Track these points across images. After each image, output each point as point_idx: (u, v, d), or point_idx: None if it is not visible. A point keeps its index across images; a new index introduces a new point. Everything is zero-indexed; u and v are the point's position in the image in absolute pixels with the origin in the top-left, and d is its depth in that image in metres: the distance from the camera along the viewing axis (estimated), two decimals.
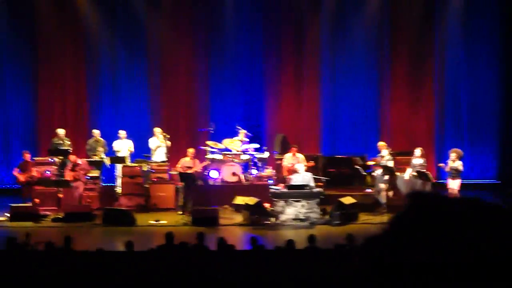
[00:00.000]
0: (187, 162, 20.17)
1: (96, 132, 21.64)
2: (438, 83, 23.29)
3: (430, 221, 1.15)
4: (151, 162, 20.95)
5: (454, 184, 18.62)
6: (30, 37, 23.28)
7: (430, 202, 1.18)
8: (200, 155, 21.23)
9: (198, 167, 20.28)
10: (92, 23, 23.33)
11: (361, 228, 16.79)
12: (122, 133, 21.63)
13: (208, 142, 21.28)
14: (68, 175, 19.56)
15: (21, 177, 20.03)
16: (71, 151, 20.69)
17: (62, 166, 20.36)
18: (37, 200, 19.53)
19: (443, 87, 23.33)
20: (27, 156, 20.48)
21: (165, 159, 21.14)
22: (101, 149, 21.28)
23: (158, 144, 21.28)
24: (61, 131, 21.53)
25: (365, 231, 16.07)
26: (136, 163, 20.96)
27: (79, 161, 19.85)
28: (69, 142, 21.39)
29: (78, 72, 23.47)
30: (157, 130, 21.41)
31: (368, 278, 1.15)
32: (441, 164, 19.72)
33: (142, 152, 21.48)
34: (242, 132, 21.53)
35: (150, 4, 23.36)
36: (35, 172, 20.13)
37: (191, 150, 20.40)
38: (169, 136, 21.30)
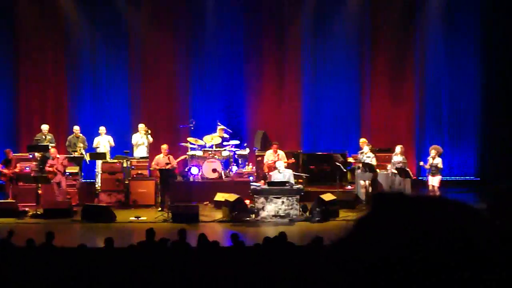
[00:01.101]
0: (163, 159, 20.05)
1: (76, 128, 21.54)
2: (419, 81, 23.38)
3: (393, 221, 1.15)
4: (132, 158, 20.89)
5: (434, 181, 18.70)
6: (9, 32, 23.15)
7: (394, 202, 1.18)
8: (180, 151, 21.21)
9: (174, 162, 20.20)
10: (72, 19, 23.23)
11: (341, 224, 16.82)
12: (102, 129, 21.55)
13: (189, 139, 21.25)
14: (48, 170, 19.46)
15: (6, 173, 19.95)
16: (51, 147, 20.58)
17: (42, 162, 20.25)
18: (13, 197, 19.46)
19: (423, 85, 23.42)
20: (10, 153, 20.39)
21: (146, 155, 21.09)
22: (81, 145, 21.19)
23: (140, 140, 21.23)
24: (44, 127, 21.43)
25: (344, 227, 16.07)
26: (116, 159, 20.89)
27: (58, 155, 19.74)
28: (50, 137, 21.28)
29: (58, 68, 23.37)
30: (141, 126, 21.34)
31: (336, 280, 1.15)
32: (421, 163, 19.78)
33: (122, 148, 21.42)
34: (222, 129, 21.51)
35: (130, 0, 23.28)
36: (18, 168, 20.06)
37: (164, 147, 20.25)
38: (150, 132, 21.25)
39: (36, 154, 20.73)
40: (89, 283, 9.32)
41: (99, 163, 20.98)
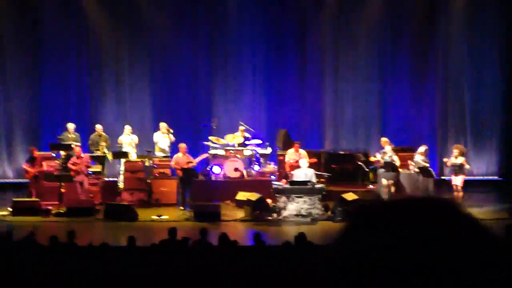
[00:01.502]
0: (182, 158, 20.00)
1: (99, 127, 21.61)
2: (441, 80, 23.28)
3: (376, 227, 1.15)
4: (154, 157, 20.92)
5: (457, 180, 18.60)
6: (34, 31, 23.28)
7: (375, 210, 1.18)
8: (202, 150, 21.23)
9: (194, 161, 20.15)
10: (95, 17, 23.33)
11: None
12: (127, 128, 21.58)
13: (211, 138, 21.27)
14: (71, 169, 19.55)
15: (31, 171, 20.05)
16: (74, 145, 20.65)
17: (65, 160, 20.34)
18: (36, 195, 19.58)
19: (446, 84, 23.32)
20: (35, 151, 20.51)
21: (167, 154, 21.11)
22: (103, 143, 21.26)
23: (162, 139, 21.23)
24: (70, 126, 21.49)
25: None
26: (139, 158, 20.95)
27: (82, 154, 19.83)
28: (75, 136, 21.32)
29: (81, 67, 23.48)
30: (162, 125, 21.35)
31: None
32: (445, 159, 19.67)
33: (145, 147, 21.48)
34: (244, 128, 21.50)
35: (154, 0, 23.36)
36: (45, 166, 20.15)
37: (183, 145, 20.20)
38: (173, 131, 21.27)
39: (61, 152, 20.82)
40: (111, 281, 9.35)
41: (121, 161, 21.04)
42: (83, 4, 23.23)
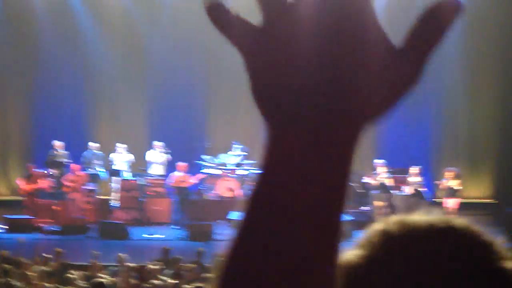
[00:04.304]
0: (180, 177, 20.05)
1: (93, 145, 21.60)
2: (436, 101, 23.31)
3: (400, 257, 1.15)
4: (148, 176, 20.92)
5: (451, 203, 18.62)
6: (28, 48, 23.31)
7: (397, 239, 1.17)
8: (196, 169, 21.21)
9: (191, 180, 20.19)
10: (90, 36, 23.38)
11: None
12: (120, 146, 21.58)
13: (205, 157, 21.26)
14: (66, 185, 19.58)
15: (26, 187, 19.99)
16: (68, 163, 20.67)
17: (59, 178, 20.33)
18: (30, 213, 19.53)
19: (441, 106, 23.35)
20: (31, 169, 20.47)
21: (162, 173, 21.10)
22: (97, 161, 21.24)
23: (156, 158, 21.23)
24: (58, 143, 21.49)
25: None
26: (133, 176, 20.94)
27: (80, 172, 19.90)
28: (63, 153, 21.33)
29: (76, 85, 23.48)
30: (156, 144, 21.36)
31: None
32: (437, 182, 19.70)
33: (138, 165, 21.46)
34: (238, 147, 21.52)
35: (150, 19, 23.41)
36: (41, 183, 20.12)
37: (181, 164, 20.29)
38: (169, 150, 21.25)
39: (54, 170, 20.80)
40: None
41: (115, 180, 21.01)
42: (78, 23, 23.27)
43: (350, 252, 1.07)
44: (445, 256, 1.12)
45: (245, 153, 21.60)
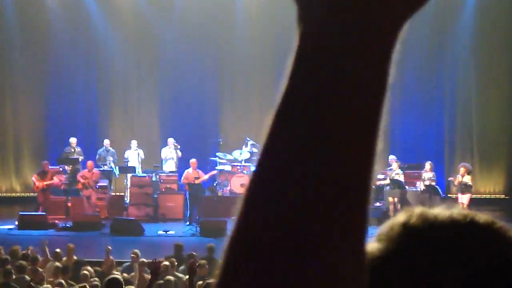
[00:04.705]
0: (192, 173, 20.12)
1: (106, 142, 21.66)
2: (449, 97, 23.26)
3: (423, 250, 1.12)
4: (161, 172, 20.96)
5: (464, 199, 18.60)
6: (42, 46, 23.38)
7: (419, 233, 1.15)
8: (209, 165, 21.23)
9: (203, 177, 20.24)
10: (104, 32, 23.43)
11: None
12: (133, 143, 21.63)
13: (218, 153, 21.28)
14: (79, 182, 19.68)
15: (40, 184, 20.04)
16: (81, 160, 20.78)
17: (72, 174, 20.40)
18: (43, 209, 19.60)
19: (454, 101, 23.30)
20: (47, 166, 20.52)
21: (174, 169, 21.14)
22: (110, 158, 21.29)
23: (169, 155, 21.27)
24: (73, 140, 21.55)
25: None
26: (146, 173, 20.99)
27: (94, 169, 20.00)
28: (78, 150, 21.42)
29: (89, 82, 23.55)
30: (170, 141, 21.41)
31: None
32: (450, 178, 19.68)
33: (152, 162, 21.51)
34: (252, 144, 21.52)
35: (162, 16, 23.42)
36: (55, 180, 20.18)
37: (193, 161, 20.36)
38: (180, 147, 21.29)
39: (67, 167, 20.87)
40: None
41: (128, 176, 21.06)
42: (92, 20, 23.34)
43: (368, 245, 1.02)
44: (467, 251, 1.09)
45: (257, 149, 21.54)
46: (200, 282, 9.85)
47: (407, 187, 19.52)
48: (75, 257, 13.26)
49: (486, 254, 1.09)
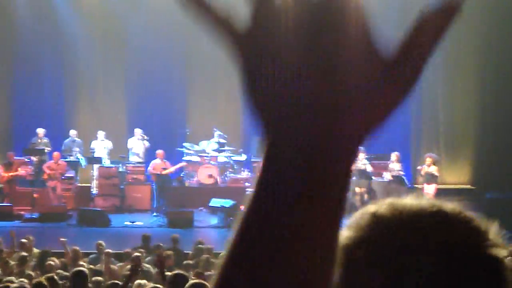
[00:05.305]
0: (159, 164, 20.06)
1: (73, 132, 21.53)
2: (415, 87, 23.37)
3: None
4: (128, 163, 20.89)
5: (430, 189, 18.74)
6: (9, 37, 23.17)
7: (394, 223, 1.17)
8: (175, 156, 21.19)
9: (170, 168, 20.20)
10: (70, 22, 23.26)
11: None
12: (100, 133, 21.53)
13: (185, 144, 21.25)
14: (45, 173, 19.53)
15: (6, 175, 19.87)
16: (47, 151, 20.62)
17: (38, 165, 20.26)
18: (9, 200, 19.46)
19: (420, 91, 23.42)
20: (12, 157, 20.36)
21: (141, 160, 21.08)
22: (77, 149, 21.18)
23: (136, 145, 21.20)
24: (40, 131, 21.39)
25: None
26: (113, 163, 20.91)
27: (60, 161, 19.86)
28: (46, 140, 21.27)
29: (55, 72, 23.37)
30: (137, 131, 21.33)
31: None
32: (419, 167, 19.81)
33: (118, 153, 21.42)
34: (218, 134, 21.51)
35: (129, 6, 23.28)
36: (21, 171, 20.03)
37: (160, 152, 20.30)
38: (147, 138, 21.23)
39: (33, 157, 20.72)
40: None
41: (95, 167, 20.96)
42: (58, 10, 23.15)
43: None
44: (435, 239, 1.11)
45: (225, 140, 21.59)
46: (169, 273, 9.83)
47: (373, 177, 19.62)
48: (35, 249, 13.19)
49: (453, 241, 1.11)
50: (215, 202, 18.79)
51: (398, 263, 1.09)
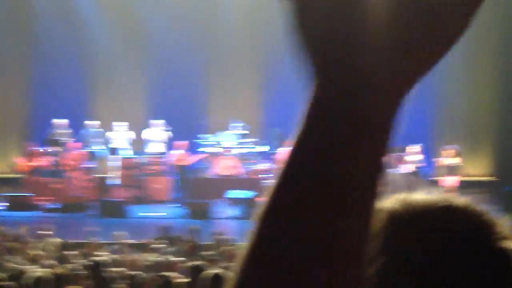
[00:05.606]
0: (179, 155, 20.10)
1: (93, 123, 21.59)
2: (436, 78, 23.25)
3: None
4: (148, 154, 20.93)
5: (450, 181, 18.64)
6: (28, 28, 23.26)
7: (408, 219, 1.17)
8: (194, 147, 21.21)
9: (191, 159, 20.22)
10: (90, 13, 23.30)
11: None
12: (121, 124, 21.58)
13: (204, 135, 21.26)
14: (65, 164, 19.61)
15: (26, 166, 19.99)
16: (67, 142, 20.69)
17: (59, 156, 20.33)
18: (30, 191, 19.56)
19: (440, 83, 23.30)
20: (32, 147, 20.47)
21: (161, 151, 21.11)
22: (97, 140, 21.24)
23: (156, 136, 21.24)
24: (61, 122, 21.47)
25: None
26: (133, 154, 20.96)
27: (78, 150, 19.94)
28: (66, 131, 21.35)
29: (75, 63, 23.42)
30: (158, 122, 21.36)
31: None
32: (439, 160, 19.71)
33: (139, 143, 21.47)
34: (239, 126, 21.50)
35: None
36: (41, 161, 20.12)
37: (182, 143, 20.34)
38: (167, 128, 21.25)
39: (53, 148, 20.79)
40: None
41: (115, 158, 21.01)
42: (78, 4, 23.21)
43: None
44: (444, 234, 1.12)
45: (244, 132, 21.58)
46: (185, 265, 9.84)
47: (391, 170, 19.54)
48: (58, 239, 13.25)
49: (462, 235, 1.13)
50: (235, 193, 18.81)
51: (408, 260, 1.11)
